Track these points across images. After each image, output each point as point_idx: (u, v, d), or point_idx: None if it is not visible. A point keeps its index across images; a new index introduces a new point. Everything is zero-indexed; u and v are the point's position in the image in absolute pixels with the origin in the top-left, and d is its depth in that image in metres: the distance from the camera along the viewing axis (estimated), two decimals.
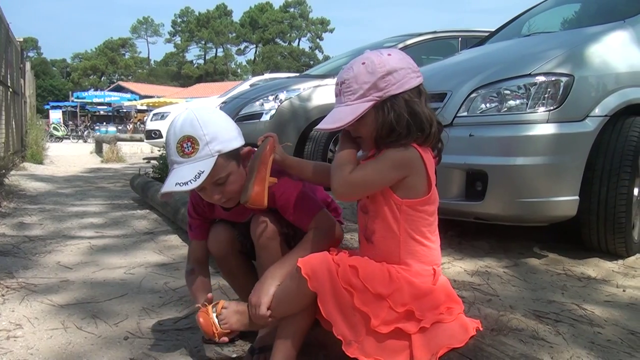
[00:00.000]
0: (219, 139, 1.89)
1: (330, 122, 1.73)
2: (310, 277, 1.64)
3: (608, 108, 3.10)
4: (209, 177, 1.86)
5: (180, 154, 1.88)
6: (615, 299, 2.61)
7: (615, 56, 3.31)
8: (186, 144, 1.87)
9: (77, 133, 36.18)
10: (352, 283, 1.64)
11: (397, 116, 1.65)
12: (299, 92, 6.43)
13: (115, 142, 14.40)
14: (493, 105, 3.19)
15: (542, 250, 3.38)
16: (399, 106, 1.65)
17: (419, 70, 1.72)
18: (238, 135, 1.98)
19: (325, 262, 1.67)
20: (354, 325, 1.64)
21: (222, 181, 1.93)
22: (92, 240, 3.98)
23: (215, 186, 1.94)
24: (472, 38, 6.94)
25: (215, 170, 1.88)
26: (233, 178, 1.95)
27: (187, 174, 1.86)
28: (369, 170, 1.70)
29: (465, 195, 3.19)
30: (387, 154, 1.67)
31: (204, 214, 2.20)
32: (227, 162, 1.92)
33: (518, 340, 2.07)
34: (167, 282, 2.99)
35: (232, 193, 1.98)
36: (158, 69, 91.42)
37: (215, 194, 1.96)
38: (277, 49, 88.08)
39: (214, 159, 1.87)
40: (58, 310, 2.57)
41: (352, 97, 1.68)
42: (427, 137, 1.69)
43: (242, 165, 2.00)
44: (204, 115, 1.91)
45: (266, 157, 1.90)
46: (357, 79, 1.67)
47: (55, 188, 7.15)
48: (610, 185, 3.04)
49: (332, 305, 1.64)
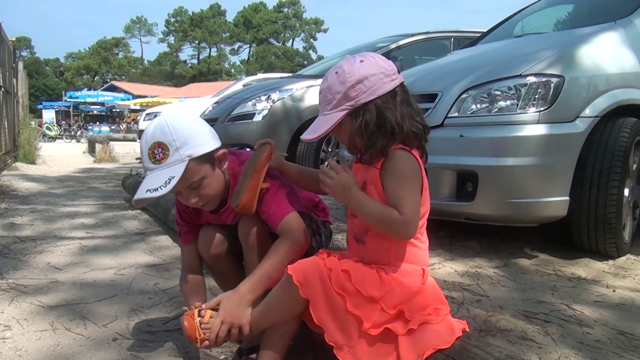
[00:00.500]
0: (189, 143, 1.89)
1: (310, 132, 1.77)
2: (302, 284, 1.64)
3: (598, 109, 3.11)
4: (180, 182, 1.87)
5: (152, 160, 1.90)
6: (605, 299, 2.62)
7: (606, 57, 3.33)
8: (157, 150, 1.88)
9: (70, 133, 36.07)
10: (344, 287, 1.64)
11: (366, 123, 1.67)
12: (291, 93, 6.42)
13: (108, 142, 14.36)
14: (484, 105, 3.20)
15: (533, 250, 3.40)
16: (370, 113, 1.67)
17: (394, 73, 1.72)
18: (212, 138, 1.98)
19: (317, 268, 1.67)
20: (346, 329, 1.64)
21: (196, 185, 1.94)
22: (83, 241, 3.96)
23: (190, 190, 1.95)
24: (464, 38, 6.96)
25: (187, 174, 1.88)
26: (208, 181, 1.96)
27: (158, 180, 1.86)
28: (411, 196, 1.67)
29: (455, 196, 3.20)
30: (400, 171, 1.67)
31: (191, 220, 2.20)
32: (199, 166, 1.91)
33: (506, 341, 2.07)
34: (157, 283, 2.98)
35: (209, 196, 1.99)
36: (151, 68, 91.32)
37: (191, 197, 1.96)
38: (271, 48, 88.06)
39: (184, 164, 1.87)
40: (47, 312, 2.56)
41: (328, 107, 1.71)
42: (403, 139, 1.69)
43: (218, 168, 2.00)
44: (175, 121, 1.91)
45: (261, 166, 1.91)
46: (330, 89, 1.70)
47: (47, 188, 7.11)
48: (601, 186, 3.05)
49: (324, 312, 1.64)
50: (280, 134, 6.20)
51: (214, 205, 2.05)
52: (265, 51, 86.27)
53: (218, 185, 2.00)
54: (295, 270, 1.66)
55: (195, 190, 1.95)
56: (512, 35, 4.75)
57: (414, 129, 1.70)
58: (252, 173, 1.89)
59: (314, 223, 2.13)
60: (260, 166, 1.91)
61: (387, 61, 1.72)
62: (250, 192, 1.88)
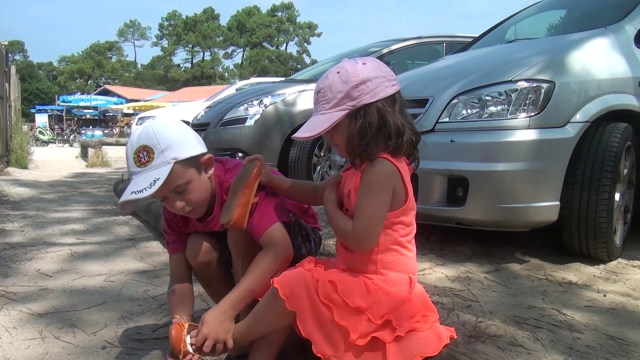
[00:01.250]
0: (173, 146, 1.90)
1: (305, 131, 1.73)
2: (289, 298, 1.63)
3: (589, 114, 3.12)
4: (165, 184, 1.87)
5: (137, 164, 1.90)
6: (595, 304, 2.62)
7: (597, 63, 3.34)
8: (142, 153, 1.89)
9: (63, 137, 35.99)
10: (331, 298, 1.63)
11: (368, 124, 1.65)
12: (283, 97, 6.41)
13: (101, 146, 14.31)
14: (474, 111, 3.20)
15: (524, 255, 3.40)
16: (371, 115, 1.65)
17: (394, 79, 1.72)
18: (197, 143, 1.99)
19: (303, 280, 1.66)
20: (333, 341, 1.64)
21: (181, 189, 1.94)
22: (73, 247, 3.94)
23: (176, 194, 1.95)
24: (456, 43, 6.98)
25: (172, 177, 1.88)
26: (193, 186, 1.96)
27: (143, 182, 1.87)
28: (368, 209, 1.67)
29: (446, 201, 3.20)
30: (369, 181, 1.67)
31: (179, 229, 2.20)
32: (185, 169, 1.92)
33: (496, 347, 2.06)
34: (147, 290, 2.97)
35: (196, 202, 1.99)
36: (145, 72, 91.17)
37: (177, 202, 1.96)
38: (265, 52, 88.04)
39: (169, 166, 1.88)
40: (36, 319, 2.54)
41: (327, 106, 1.68)
42: (397, 147, 1.68)
43: (204, 172, 2.00)
44: (160, 126, 1.93)
45: (252, 182, 1.91)
46: (331, 88, 1.67)
47: (38, 194, 7.08)
48: (592, 191, 3.05)
49: (311, 324, 1.64)
50: (272, 139, 6.20)
51: (200, 212, 2.04)
52: (259, 55, 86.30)
53: (204, 191, 2.00)
54: (281, 283, 1.66)
55: (181, 194, 1.95)
56: (503, 40, 4.77)
57: (413, 137, 1.71)
58: (244, 188, 1.89)
59: (303, 230, 2.13)
60: (251, 182, 1.90)
61: (387, 67, 1.73)
62: (242, 207, 1.88)
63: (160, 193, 1.89)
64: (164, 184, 1.86)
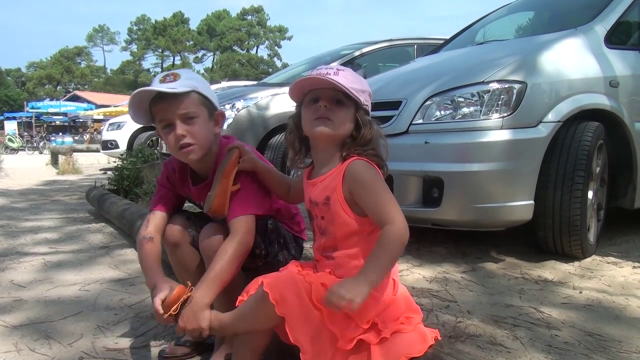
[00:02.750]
0: (198, 82, 2.05)
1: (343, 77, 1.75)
2: (278, 302, 1.63)
3: (561, 114, 3.16)
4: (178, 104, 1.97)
5: (161, 81, 2.01)
6: (572, 301, 2.65)
7: (568, 63, 3.38)
8: (169, 76, 2.03)
9: (33, 144, 35.44)
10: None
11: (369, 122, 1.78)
12: (256, 101, 6.39)
13: (71, 153, 14.09)
14: (448, 112, 3.22)
15: (499, 254, 3.42)
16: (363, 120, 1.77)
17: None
18: (216, 100, 2.12)
19: (294, 284, 1.66)
20: (322, 347, 1.64)
21: (190, 116, 2.00)
22: (47, 257, 3.88)
23: (182, 121, 2.00)
24: (427, 45, 7.04)
25: (187, 100, 1.99)
26: (200, 122, 2.03)
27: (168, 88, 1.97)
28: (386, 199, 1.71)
29: (422, 202, 3.21)
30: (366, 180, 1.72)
31: (175, 185, 2.26)
32: (199, 103, 2.03)
33: (476, 347, 2.07)
34: (123, 299, 2.93)
35: (196, 136, 2.03)
36: (114, 77, 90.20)
37: (180, 128, 1.99)
38: (235, 56, 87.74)
39: (189, 89, 1.99)
40: (11, 332, 2.49)
41: (355, 87, 1.75)
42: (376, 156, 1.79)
43: (213, 123, 2.10)
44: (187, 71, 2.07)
45: (229, 171, 1.97)
46: (354, 80, 1.76)
47: (9, 202, 6.97)
48: (565, 189, 3.09)
49: (300, 330, 1.63)
50: (246, 142, 6.14)
51: (198, 154, 2.06)
52: (230, 59, 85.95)
53: (207, 134, 2.07)
54: (272, 287, 1.65)
55: (186, 124, 2.00)
56: (474, 42, 4.81)
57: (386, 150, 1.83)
58: (222, 178, 1.96)
59: (282, 238, 2.13)
60: (228, 171, 1.97)
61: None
62: (220, 196, 1.95)
63: (171, 114, 1.98)
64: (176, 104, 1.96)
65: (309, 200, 1.85)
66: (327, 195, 1.75)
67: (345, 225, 1.74)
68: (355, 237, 1.74)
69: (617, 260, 3.30)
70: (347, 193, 1.73)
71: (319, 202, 1.79)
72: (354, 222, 1.74)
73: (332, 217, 1.75)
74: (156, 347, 2.28)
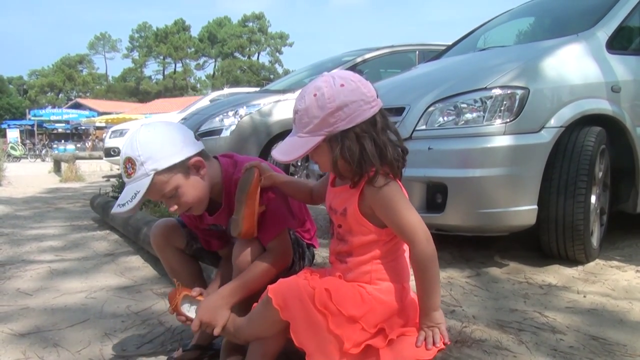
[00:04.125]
0: (153, 157, 1.91)
1: (282, 153, 1.71)
2: (282, 308, 1.64)
3: (563, 119, 3.17)
4: (150, 194, 1.93)
5: (125, 175, 1.95)
6: (576, 305, 2.66)
7: (570, 69, 3.40)
8: (128, 165, 1.93)
9: (35, 152, 35.55)
10: (327, 306, 1.63)
11: (348, 149, 1.63)
12: (259, 107, 6.42)
13: (74, 160, 14.12)
14: (450, 118, 3.24)
15: (503, 259, 3.43)
16: (350, 140, 1.63)
17: (374, 99, 1.68)
18: (183, 147, 1.98)
19: (297, 289, 1.66)
20: (328, 351, 1.64)
21: (170, 195, 1.97)
22: (52, 264, 3.90)
23: (167, 199, 1.99)
24: (429, 51, 7.06)
25: (155, 188, 1.93)
26: (183, 190, 1.98)
27: (127, 195, 1.92)
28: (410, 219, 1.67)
29: (426, 208, 3.23)
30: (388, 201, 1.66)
31: (195, 224, 2.26)
32: (168, 177, 1.94)
33: (482, 351, 2.09)
34: (129, 306, 2.94)
35: (189, 204, 2.02)
36: (116, 85, 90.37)
37: (171, 205, 2.01)
38: (237, 63, 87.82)
39: (149, 178, 1.91)
40: (19, 340, 2.51)
41: (304, 130, 1.66)
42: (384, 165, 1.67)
43: (194, 175, 2.01)
44: (142, 135, 1.95)
45: (253, 192, 1.93)
46: (307, 112, 1.64)
47: (13, 210, 6.99)
48: (568, 194, 3.10)
49: (304, 334, 1.64)
50: (249, 149, 6.19)
51: (200, 210, 2.09)
52: (231, 65, 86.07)
53: (196, 192, 2.02)
54: (276, 292, 1.66)
55: (172, 199, 1.99)
56: (476, 48, 4.83)
57: (396, 156, 1.68)
58: (246, 200, 1.91)
59: (300, 247, 2.16)
60: (252, 192, 1.92)
61: (367, 85, 1.68)
62: (248, 219, 1.91)
63: (152, 199, 1.96)
64: (148, 194, 1.91)
65: (330, 206, 1.84)
66: (345, 207, 1.74)
67: (363, 236, 1.74)
68: (372, 245, 1.73)
69: (621, 264, 3.31)
70: (368, 208, 1.70)
71: (338, 210, 1.78)
72: (372, 234, 1.72)
73: (349, 227, 1.75)
74: (164, 354, 2.29)
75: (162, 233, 2.30)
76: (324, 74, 1.71)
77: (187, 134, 2.06)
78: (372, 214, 1.70)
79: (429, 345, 1.64)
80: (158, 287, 3.26)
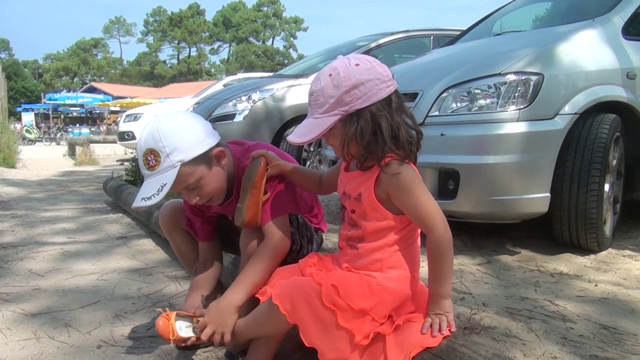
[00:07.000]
0: (179, 148, 1.89)
1: (299, 135, 1.70)
2: (290, 312, 1.61)
3: (578, 106, 3.14)
4: (175, 186, 1.90)
5: (146, 167, 1.92)
6: (587, 294, 2.64)
7: (585, 55, 3.35)
8: (150, 157, 1.90)
9: (50, 135, 35.73)
10: (335, 302, 1.61)
11: (362, 129, 1.61)
12: (272, 92, 6.39)
13: (88, 144, 14.22)
14: (464, 104, 3.21)
15: (515, 247, 3.42)
16: (365, 119, 1.61)
17: (390, 79, 1.65)
18: (205, 138, 1.97)
19: (302, 290, 1.64)
20: (339, 346, 1.62)
21: (194, 186, 1.96)
22: (65, 246, 3.93)
23: (189, 191, 1.98)
24: (444, 36, 6.99)
25: (180, 179, 1.90)
26: (206, 181, 1.97)
27: (152, 188, 1.88)
28: (428, 204, 1.66)
29: (437, 194, 3.21)
30: (404, 183, 1.64)
31: (202, 213, 2.26)
32: (193, 168, 1.92)
33: (491, 339, 2.08)
34: (140, 288, 2.96)
35: (210, 194, 2.02)
36: (131, 69, 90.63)
37: (192, 197, 1.99)
38: (251, 47, 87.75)
39: (176, 170, 1.89)
40: (30, 320, 2.53)
41: (319, 111, 1.65)
42: (399, 147, 1.64)
43: (216, 165, 2.00)
44: (165, 126, 1.91)
45: (259, 182, 1.92)
46: (323, 93, 1.63)
47: (27, 193, 7.04)
48: (581, 182, 3.07)
49: (314, 334, 1.62)
50: (262, 134, 6.18)
51: (219, 200, 2.09)
52: (245, 50, 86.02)
53: (217, 183, 2.02)
54: (281, 298, 1.63)
55: (195, 190, 1.97)
56: (491, 33, 4.78)
57: (409, 138, 1.66)
58: (251, 189, 1.91)
59: (308, 231, 2.15)
60: (258, 182, 1.92)
61: (382, 65, 1.66)
62: (252, 208, 1.91)
63: (173, 192, 1.93)
64: (172, 187, 1.89)
65: (343, 192, 1.82)
66: (359, 191, 1.72)
67: (377, 222, 1.72)
68: (386, 232, 1.71)
69: (633, 253, 3.28)
70: (383, 194, 1.68)
71: (352, 195, 1.75)
72: (387, 220, 1.70)
73: (363, 212, 1.73)
74: None
75: (170, 215, 2.32)
76: (339, 56, 1.69)
77: (206, 124, 2.04)
78: (388, 200, 1.68)
79: (435, 332, 1.63)
80: (169, 270, 3.28)
